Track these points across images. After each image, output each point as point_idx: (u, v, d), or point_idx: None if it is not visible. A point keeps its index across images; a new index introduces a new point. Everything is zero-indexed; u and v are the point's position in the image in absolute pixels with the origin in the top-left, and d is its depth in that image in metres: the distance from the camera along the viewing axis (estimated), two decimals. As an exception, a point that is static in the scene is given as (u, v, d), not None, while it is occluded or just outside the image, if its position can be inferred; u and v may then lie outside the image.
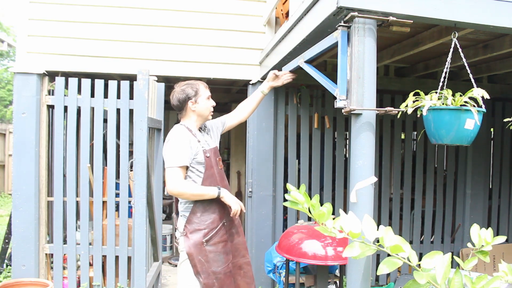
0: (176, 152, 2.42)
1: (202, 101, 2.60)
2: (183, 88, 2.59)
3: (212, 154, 2.58)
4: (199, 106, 2.59)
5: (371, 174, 1.99)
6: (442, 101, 1.93)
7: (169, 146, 2.47)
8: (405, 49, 3.35)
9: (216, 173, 2.57)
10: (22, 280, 3.68)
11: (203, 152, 2.51)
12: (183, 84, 2.62)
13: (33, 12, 3.88)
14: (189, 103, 2.57)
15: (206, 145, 2.58)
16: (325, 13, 2.17)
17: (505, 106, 4.75)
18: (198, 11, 4.07)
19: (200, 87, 2.61)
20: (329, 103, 4.27)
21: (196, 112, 2.59)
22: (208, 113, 2.65)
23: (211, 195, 2.48)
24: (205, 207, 2.49)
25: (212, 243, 2.48)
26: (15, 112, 3.82)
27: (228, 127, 2.97)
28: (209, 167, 2.54)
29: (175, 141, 2.46)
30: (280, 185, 4.16)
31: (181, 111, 2.62)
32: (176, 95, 2.59)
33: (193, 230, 2.48)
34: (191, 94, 2.56)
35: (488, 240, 1.58)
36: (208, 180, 2.52)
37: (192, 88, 2.58)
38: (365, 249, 1.51)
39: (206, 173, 2.51)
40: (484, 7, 2.14)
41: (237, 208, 2.53)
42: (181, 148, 2.43)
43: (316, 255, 2.66)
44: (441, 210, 4.63)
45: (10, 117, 15.42)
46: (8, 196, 10.24)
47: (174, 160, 2.41)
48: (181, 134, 2.48)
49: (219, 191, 2.50)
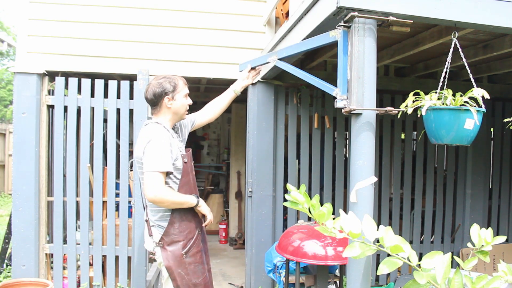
0: (159, 156, 2.22)
1: (180, 99, 2.40)
2: (160, 81, 2.38)
3: (189, 159, 2.44)
4: (176, 104, 2.39)
5: (371, 174, 1.99)
6: (442, 101, 1.93)
7: (151, 148, 2.24)
8: (405, 49, 3.35)
9: (191, 179, 2.44)
10: (22, 280, 3.68)
11: (182, 157, 2.36)
12: (160, 77, 2.42)
13: (33, 12, 3.88)
14: (165, 99, 2.36)
15: (182, 149, 2.44)
16: (325, 13, 2.17)
17: (505, 106, 4.75)
18: (198, 11, 4.07)
19: (179, 83, 2.42)
20: (329, 103, 4.27)
21: (172, 109, 2.39)
22: (184, 111, 2.46)
23: (191, 203, 2.35)
24: (182, 216, 2.36)
25: (191, 254, 2.37)
26: (15, 112, 3.82)
27: (197, 125, 2.80)
28: (186, 173, 2.38)
29: (158, 143, 2.25)
30: (280, 185, 4.16)
31: (155, 106, 2.40)
32: (152, 88, 2.37)
33: (170, 242, 2.33)
34: (168, 89, 2.36)
35: (488, 240, 1.58)
36: (184, 187, 2.37)
37: (170, 82, 2.38)
38: (365, 249, 1.51)
39: (183, 179, 2.36)
40: (484, 7, 2.14)
41: (211, 218, 2.45)
42: (164, 151, 2.24)
43: (316, 255, 2.66)
44: (441, 210, 4.63)
45: (10, 117, 15.43)
46: (8, 196, 10.24)
47: (157, 164, 2.21)
48: (163, 136, 2.28)
49: (197, 200, 2.38)
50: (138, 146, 2.32)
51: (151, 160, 2.21)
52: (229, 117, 8.06)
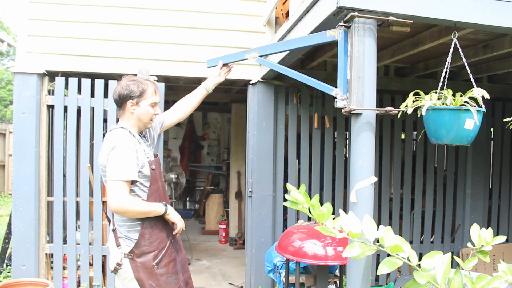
0: (123, 163, 2.09)
1: (144, 106, 2.24)
2: (129, 83, 2.22)
3: (157, 165, 2.30)
4: (139, 110, 2.24)
5: (371, 174, 2.00)
6: (442, 101, 1.93)
7: (115, 155, 2.10)
8: (405, 49, 3.35)
9: (161, 186, 2.31)
10: (22, 280, 3.68)
11: (149, 164, 2.22)
12: (131, 78, 2.26)
13: (33, 12, 3.88)
14: (128, 102, 2.21)
15: (150, 156, 2.30)
16: (325, 13, 2.17)
17: (505, 106, 4.76)
18: (198, 11, 4.07)
19: (148, 89, 2.24)
20: (329, 103, 4.27)
21: (135, 115, 2.25)
22: (147, 121, 2.29)
23: (158, 212, 2.23)
24: (152, 226, 2.24)
25: (163, 264, 2.26)
26: (15, 112, 3.82)
27: (166, 126, 2.66)
28: (155, 181, 2.25)
29: (122, 150, 2.11)
30: (280, 185, 4.16)
31: (119, 108, 2.27)
32: (119, 89, 2.22)
33: (141, 253, 2.21)
34: (134, 93, 2.20)
35: (488, 240, 1.58)
36: (153, 195, 2.25)
37: (138, 86, 2.22)
38: (365, 249, 1.51)
39: (151, 188, 2.24)
40: (484, 7, 2.14)
41: (182, 226, 2.35)
42: (128, 159, 2.11)
43: (316, 255, 2.66)
44: (441, 210, 4.64)
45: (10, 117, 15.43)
46: (8, 196, 10.24)
47: (121, 172, 2.08)
48: (128, 142, 2.14)
49: (165, 208, 2.26)
50: (102, 152, 2.18)
51: (115, 169, 2.09)
52: (229, 117, 8.07)
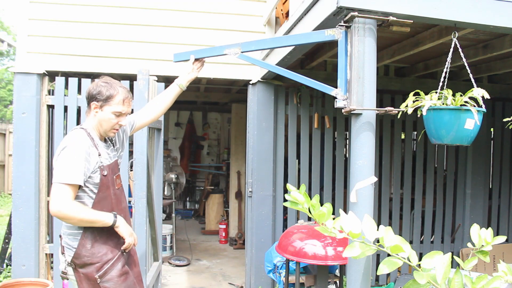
0: (69, 166, 1.96)
1: (107, 112, 2.10)
2: (102, 84, 2.11)
3: (110, 171, 2.12)
4: (101, 115, 2.11)
5: (371, 174, 2.00)
6: (442, 101, 1.93)
7: (63, 156, 1.98)
8: (405, 49, 3.35)
9: (112, 194, 2.14)
10: (22, 280, 3.67)
11: (100, 169, 2.06)
12: (106, 80, 2.15)
13: (33, 12, 3.88)
14: (93, 103, 2.11)
15: (106, 160, 2.13)
16: (325, 13, 2.17)
17: (505, 106, 4.76)
18: (198, 11, 4.07)
19: (117, 97, 2.10)
20: (329, 103, 4.27)
21: (97, 118, 2.12)
22: (109, 129, 2.14)
23: (105, 223, 2.04)
24: (96, 237, 2.05)
25: (109, 278, 2.05)
26: (15, 112, 3.82)
27: (138, 127, 2.50)
28: (105, 188, 2.09)
29: (72, 151, 1.98)
30: (280, 185, 4.16)
31: (87, 106, 2.17)
32: (90, 87, 2.14)
33: (83, 264, 2.04)
34: (100, 96, 2.08)
35: (488, 240, 1.58)
36: (100, 203, 2.07)
37: (108, 90, 2.09)
38: (365, 249, 1.51)
39: (99, 195, 2.07)
40: (484, 7, 2.14)
41: (130, 242, 2.13)
42: (76, 161, 1.97)
43: (316, 255, 2.65)
44: (441, 210, 4.64)
45: (10, 117, 15.43)
46: (8, 196, 10.24)
47: (66, 175, 1.94)
48: (80, 143, 2.01)
49: (115, 219, 2.06)
50: (56, 152, 2.06)
51: (60, 170, 1.96)
52: (229, 117, 8.07)
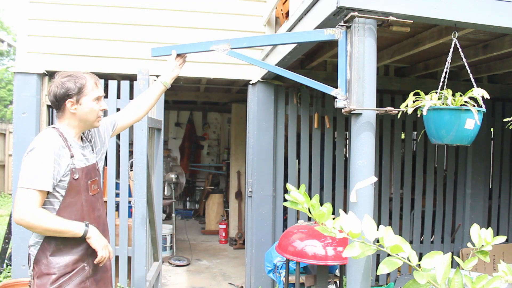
0: (37, 169, 1.77)
1: (87, 103, 1.93)
2: (63, 80, 1.91)
3: (83, 175, 1.93)
4: (82, 109, 1.92)
5: (371, 174, 2.00)
6: (442, 101, 1.93)
7: (31, 158, 1.80)
8: (405, 49, 3.35)
9: (84, 200, 1.93)
10: (22, 280, 3.67)
11: (71, 171, 1.87)
12: (65, 74, 1.94)
13: (33, 12, 3.88)
14: (67, 103, 1.90)
15: (79, 162, 1.94)
16: (325, 13, 2.17)
17: (505, 106, 4.76)
18: (199, 11, 4.07)
19: (88, 83, 1.93)
20: (329, 103, 4.27)
21: (77, 116, 1.93)
22: (94, 119, 1.98)
23: (74, 233, 1.85)
24: (59, 245, 1.87)
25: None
26: (15, 112, 3.82)
27: (120, 128, 2.30)
28: (74, 192, 1.89)
29: (40, 152, 1.80)
30: (280, 185, 4.16)
31: (58, 110, 1.95)
32: (53, 89, 1.91)
33: (40, 273, 1.86)
34: (72, 91, 1.89)
35: (488, 240, 1.58)
36: (67, 209, 1.87)
37: (75, 82, 1.90)
38: (365, 249, 1.51)
39: (66, 200, 1.87)
40: (484, 7, 2.14)
41: (104, 255, 1.92)
42: (45, 164, 1.78)
43: (316, 255, 2.65)
44: (441, 210, 4.64)
45: (10, 117, 15.43)
46: (8, 196, 10.25)
47: (32, 179, 1.76)
48: (50, 144, 1.83)
49: (86, 229, 1.87)
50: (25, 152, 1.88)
51: (26, 174, 1.78)
52: (229, 117, 8.07)
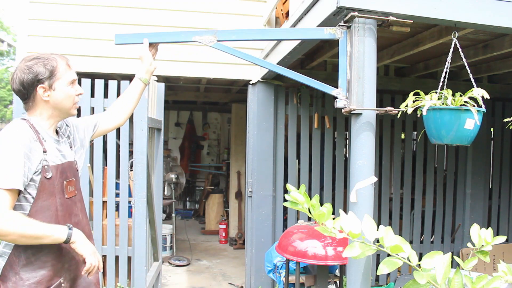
0: (5, 165, 1.50)
1: (62, 87, 1.67)
2: (30, 64, 1.64)
3: (57, 174, 1.65)
4: (56, 95, 1.66)
5: (371, 174, 1.99)
6: (442, 101, 1.93)
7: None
8: (405, 49, 3.35)
9: (59, 204, 1.66)
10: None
11: (43, 169, 1.60)
12: (31, 57, 1.67)
13: (33, 12, 3.88)
14: (39, 89, 1.63)
15: (54, 158, 1.66)
16: (325, 13, 2.17)
17: (505, 106, 4.76)
18: (198, 11, 4.07)
19: (59, 65, 1.67)
20: (329, 103, 4.27)
21: (51, 103, 1.67)
22: (70, 105, 1.72)
23: (55, 238, 1.56)
24: (30, 257, 1.58)
25: None
26: (15, 112, 3.82)
27: (100, 132, 2.03)
28: (47, 194, 1.61)
29: (7, 146, 1.53)
30: (280, 185, 4.16)
31: (26, 100, 1.67)
32: (19, 75, 1.63)
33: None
34: (42, 75, 1.63)
35: (488, 240, 1.58)
36: (38, 214, 1.58)
37: (45, 65, 1.64)
38: (365, 249, 1.51)
39: (37, 203, 1.59)
40: (484, 7, 2.14)
41: (93, 263, 1.63)
42: (14, 159, 1.52)
43: (316, 255, 2.65)
44: (441, 210, 4.64)
45: (10, 117, 15.43)
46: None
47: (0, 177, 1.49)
48: (19, 136, 1.56)
49: (69, 232, 1.59)
50: None
51: None
52: (229, 117, 8.07)
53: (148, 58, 2.11)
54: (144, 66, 2.10)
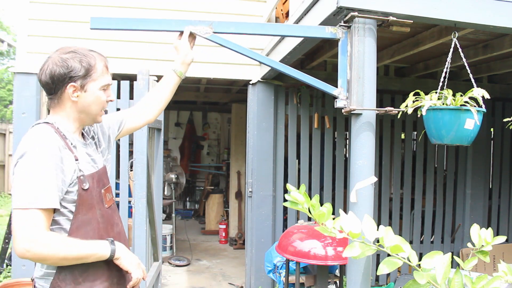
0: (35, 181, 1.31)
1: (94, 91, 1.49)
2: (66, 57, 1.44)
3: (94, 183, 1.48)
4: (86, 98, 1.48)
5: (371, 174, 1.99)
6: (442, 101, 1.93)
7: (23, 167, 1.33)
8: (405, 49, 3.35)
9: (100, 216, 1.49)
10: (22, 280, 3.67)
11: (79, 180, 1.42)
12: (68, 50, 1.47)
13: (33, 12, 3.88)
14: (69, 87, 1.44)
15: (87, 166, 1.48)
16: (325, 13, 2.17)
17: (505, 106, 4.76)
18: (198, 11, 4.07)
19: (97, 65, 1.49)
20: (329, 103, 4.27)
21: (78, 105, 1.48)
22: (98, 112, 1.54)
23: (100, 256, 1.42)
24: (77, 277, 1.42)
25: None
26: (15, 112, 3.82)
27: (127, 130, 1.84)
28: (86, 208, 1.44)
29: (35, 158, 1.33)
30: (280, 185, 4.16)
31: (52, 96, 1.48)
32: (51, 66, 1.44)
33: None
34: (76, 72, 1.44)
35: (488, 240, 1.58)
36: (80, 231, 1.42)
37: (81, 62, 1.45)
38: (365, 249, 1.51)
39: (78, 218, 1.42)
40: (484, 7, 2.14)
41: (139, 276, 1.52)
42: (44, 173, 1.32)
43: (316, 255, 2.65)
44: (441, 210, 4.64)
45: (10, 117, 15.43)
46: (8, 196, 10.25)
47: (32, 196, 1.30)
48: (46, 145, 1.35)
49: (113, 248, 1.44)
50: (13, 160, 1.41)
51: (21, 189, 1.32)
52: (229, 117, 8.07)
53: (184, 48, 1.90)
54: (180, 57, 1.89)
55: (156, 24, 2.01)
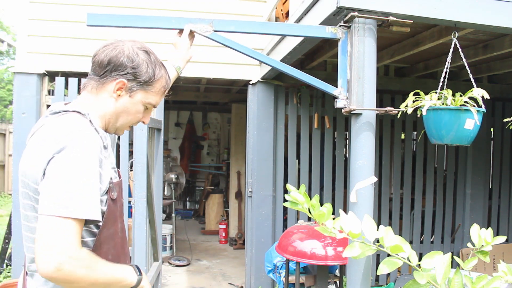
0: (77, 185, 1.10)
1: (137, 101, 1.33)
2: (138, 52, 1.31)
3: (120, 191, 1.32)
4: (125, 103, 1.32)
5: (371, 174, 1.99)
6: (442, 101, 1.93)
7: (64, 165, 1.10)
8: (405, 49, 3.35)
9: (120, 231, 1.33)
10: (22, 280, 3.67)
11: (109, 189, 1.23)
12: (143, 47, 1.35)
13: (33, 12, 3.88)
14: (118, 82, 1.29)
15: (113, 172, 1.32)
16: (325, 13, 2.17)
17: (505, 106, 4.76)
18: (198, 11, 4.07)
19: (159, 82, 1.36)
20: (329, 103, 4.27)
21: (113, 105, 1.31)
22: (126, 126, 1.38)
23: (127, 283, 1.24)
24: None
25: None
26: (15, 112, 3.82)
27: None
28: (112, 220, 1.25)
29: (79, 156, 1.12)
30: (280, 185, 4.16)
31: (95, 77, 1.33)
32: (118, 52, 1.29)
33: None
34: (136, 73, 1.29)
35: (488, 240, 1.58)
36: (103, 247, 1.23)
37: (148, 67, 1.32)
38: (365, 249, 1.51)
39: (104, 232, 1.22)
40: (484, 7, 2.14)
41: None
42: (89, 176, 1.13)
43: (316, 255, 2.66)
44: (441, 210, 4.64)
45: (10, 117, 15.43)
46: (8, 196, 10.25)
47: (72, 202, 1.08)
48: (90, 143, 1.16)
49: (139, 278, 1.27)
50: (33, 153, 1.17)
51: (59, 193, 1.08)
52: (229, 117, 8.07)
53: (184, 44, 1.89)
54: (180, 54, 1.86)
55: (155, 22, 1.98)
